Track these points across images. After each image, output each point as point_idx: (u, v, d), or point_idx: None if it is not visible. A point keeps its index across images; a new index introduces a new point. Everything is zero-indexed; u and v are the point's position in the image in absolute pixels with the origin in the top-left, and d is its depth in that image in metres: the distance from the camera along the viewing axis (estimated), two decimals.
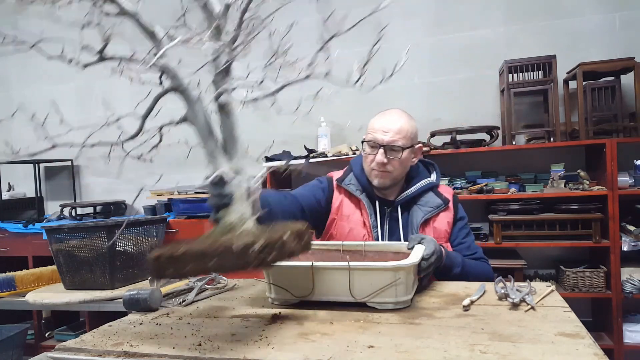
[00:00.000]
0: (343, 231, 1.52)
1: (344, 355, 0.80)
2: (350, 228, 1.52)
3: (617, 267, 2.53)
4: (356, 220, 1.53)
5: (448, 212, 1.52)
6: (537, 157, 2.93)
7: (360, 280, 1.06)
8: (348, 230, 1.52)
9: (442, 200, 1.51)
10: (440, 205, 1.51)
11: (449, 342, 0.84)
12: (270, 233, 0.91)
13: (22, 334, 2.06)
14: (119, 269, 2.10)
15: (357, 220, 1.53)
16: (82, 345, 0.92)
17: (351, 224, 1.52)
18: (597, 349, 0.78)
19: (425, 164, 1.64)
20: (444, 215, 1.51)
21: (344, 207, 1.55)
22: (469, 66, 3.11)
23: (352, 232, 1.51)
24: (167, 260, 0.90)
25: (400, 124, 1.46)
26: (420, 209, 1.50)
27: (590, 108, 2.65)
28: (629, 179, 2.58)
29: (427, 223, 1.49)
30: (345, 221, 1.53)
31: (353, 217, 1.53)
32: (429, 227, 1.49)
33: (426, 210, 1.50)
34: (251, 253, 0.83)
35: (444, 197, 1.53)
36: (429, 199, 1.52)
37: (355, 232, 1.51)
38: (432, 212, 1.50)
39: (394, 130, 1.44)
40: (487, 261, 1.50)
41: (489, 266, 1.49)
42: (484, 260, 1.50)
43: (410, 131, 1.48)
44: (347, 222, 1.53)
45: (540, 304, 1.06)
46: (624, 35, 2.85)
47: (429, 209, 1.50)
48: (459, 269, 1.35)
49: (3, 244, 3.41)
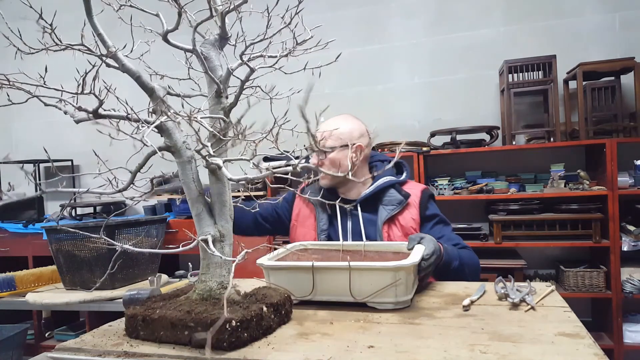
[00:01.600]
0: (299, 236, 1.61)
1: (344, 355, 0.80)
2: (305, 232, 1.60)
3: (617, 267, 2.53)
4: (309, 225, 1.60)
5: (412, 208, 1.53)
6: (537, 157, 2.93)
7: (360, 280, 1.06)
8: (303, 234, 1.60)
9: (403, 196, 1.52)
10: (402, 201, 1.52)
11: (449, 342, 0.84)
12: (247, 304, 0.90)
13: (22, 334, 2.06)
14: (119, 269, 2.09)
15: (310, 224, 1.60)
16: (82, 345, 0.91)
17: (305, 229, 1.61)
18: (597, 349, 0.78)
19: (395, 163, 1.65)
20: (408, 212, 1.52)
21: (302, 213, 1.65)
22: (469, 66, 3.11)
23: (306, 236, 1.58)
24: (141, 322, 0.91)
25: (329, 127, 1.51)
26: (384, 208, 1.53)
27: (590, 108, 2.65)
28: (629, 179, 2.58)
29: (392, 220, 1.51)
30: (302, 226, 1.63)
31: (307, 222, 1.62)
32: (395, 225, 1.51)
33: (389, 209, 1.51)
34: (227, 329, 0.82)
35: (405, 192, 1.54)
36: (391, 197, 1.54)
37: (308, 236, 1.58)
38: (395, 209, 1.51)
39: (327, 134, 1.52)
40: (471, 249, 1.51)
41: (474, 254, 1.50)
42: (469, 249, 1.51)
43: (342, 132, 1.53)
44: (303, 226, 1.62)
45: (540, 304, 1.06)
46: (624, 35, 2.85)
47: (392, 206, 1.52)
48: (457, 262, 1.36)
49: (3, 244, 3.41)
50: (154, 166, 0.93)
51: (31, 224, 3.36)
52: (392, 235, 1.49)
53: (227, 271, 0.96)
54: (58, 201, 3.95)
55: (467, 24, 3.11)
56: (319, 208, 1.59)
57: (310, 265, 1.08)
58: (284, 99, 1.00)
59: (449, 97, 3.16)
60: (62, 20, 1.05)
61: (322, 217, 1.57)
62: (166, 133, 0.93)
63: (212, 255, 0.92)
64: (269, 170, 0.88)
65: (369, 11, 3.29)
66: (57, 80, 0.82)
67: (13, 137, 4.15)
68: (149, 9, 0.96)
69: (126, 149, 0.85)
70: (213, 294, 0.93)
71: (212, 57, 0.98)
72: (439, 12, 3.17)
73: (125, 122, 0.89)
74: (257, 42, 0.95)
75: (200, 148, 0.89)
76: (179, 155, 0.94)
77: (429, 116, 3.19)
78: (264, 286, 1.06)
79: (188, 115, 0.82)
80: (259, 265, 1.14)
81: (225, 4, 0.92)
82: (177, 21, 0.88)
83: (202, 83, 1.02)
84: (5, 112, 4.03)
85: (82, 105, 0.86)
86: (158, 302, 0.96)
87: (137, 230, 2.24)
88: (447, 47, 3.16)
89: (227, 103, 0.98)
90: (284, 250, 1.28)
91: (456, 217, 3.05)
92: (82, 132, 3.78)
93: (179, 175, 0.97)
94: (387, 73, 3.27)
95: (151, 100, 0.95)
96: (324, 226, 1.56)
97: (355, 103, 3.31)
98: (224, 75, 0.98)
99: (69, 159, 3.82)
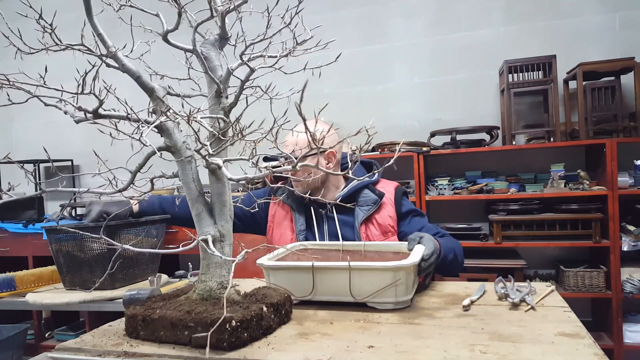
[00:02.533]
0: (276, 237, 1.62)
1: (344, 355, 0.80)
2: (281, 234, 1.60)
3: (617, 267, 2.53)
4: (285, 226, 1.60)
5: (388, 206, 1.54)
6: (537, 157, 2.93)
7: (360, 280, 1.06)
8: (279, 236, 1.60)
9: (377, 195, 1.53)
10: (377, 200, 1.53)
11: (449, 342, 0.84)
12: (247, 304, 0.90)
13: (22, 334, 2.06)
14: (119, 269, 2.09)
15: (287, 226, 1.60)
16: (82, 345, 0.91)
17: (282, 230, 1.61)
18: (597, 349, 0.78)
19: (365, 164, 1.67)
20: (384, 210, 1.53)
21: (277, 214, 1.64)
22: (469, 66, 3.11)
23: (282, 237, 1.59)
24: (141, 322, 0.91)
25: (297, 135, 1.50)
26: (360, 209, 1.53)
27: (590, 108, 2.65)
28: (629, 179, 2.58)
29: (369, 220, 1.52)
30: (278, 227, 1.62)
31: (283, 224, 1.61)
32: (373, 224, 1.51)
33: (365, 209, 1.52)
34: (227, 329, 0.82)
35: (379, 192, 1.55)
36: (367, 198, 1.54)
37: (284, 237, 1.58)
38: (371, 209, 1.52)
39: (292, 143, 1.51)
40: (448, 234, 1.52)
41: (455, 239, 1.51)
42: (447, 234, 1.52)
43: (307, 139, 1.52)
44: (279, 228, 1.62)
45: (540, 304, 1.06)
46: (624, 35, 2.85)
47: (367, 207, 1.53)
48: (452, 255, 1.37)
49: (3, 244, 3.41)
50: (154, 166, 0.93)
51: (31, 224, 3.36)
52: (370, 235, 1.50)
53: (227, 271, 0.96)
54: (58, 201, 3.95)
55: (467, 24, 3.11)
56: (295, 210, 1.58)
57: (310, 265, 1.08)
58: (284, 99, 1.00)
59: (449, 97, 3.16)
60: (62, 20, 1.05)
61: (300, 218, 1.57)
62: (166, 133, 0.93)
63: (212, 255, 0.92)
64: (268, 170, 0.88)
65: (369, 11, 3.29)
66: (57, 80, 0.82)
67: (13, 137, 4.15)
68: (149, 9, 0.96)
69: (126, 149, 0.84)
70: (213, 294, 0.93)
71: (212, 57, 0.98)
72: (439, 12, 3.17)
73: (125, 122, 0.89)
74: (257, 42, 0.95)
75: (200, 148, 0.89)
76: (179, 155, 0.94)
77: (429, 116, 3.19)
78: (264, 286, 1.06)
79: (188, 115, 0.82)
80: (259, 265, 1.14)
81: (225, 4, 0.92)
82: (177, 21, 0.88)
83: (202, 83, 1.02)
84: (5, 112, 4.03)
85: (82, 105, 0.86)
86: (158, 302, 0.96)
87: (137, 230, 2.23)
88: (447, 47, 3.16)
89: (227, 103, 0.98)
90: (284, 250, 1.28)
91: (456, 217, 3.05)
92: (82, 132, 3.78)
93: (179, 175, 0.97)
94: (387, 73, 3.27)
95: (151, 100, 0.95)
96: (302, 227, 1.56)
97: (355, 103, 3.31)
98: (224, 75, 0.98)
99: (69, 159, 3.82)
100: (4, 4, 3.74)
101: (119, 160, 0.85)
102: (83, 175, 2.13)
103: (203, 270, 0.97)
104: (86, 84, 0.81)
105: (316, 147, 0.83)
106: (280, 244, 1.56)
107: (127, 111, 0.87)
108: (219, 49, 1.00)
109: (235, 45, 1.03)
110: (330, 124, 1.60)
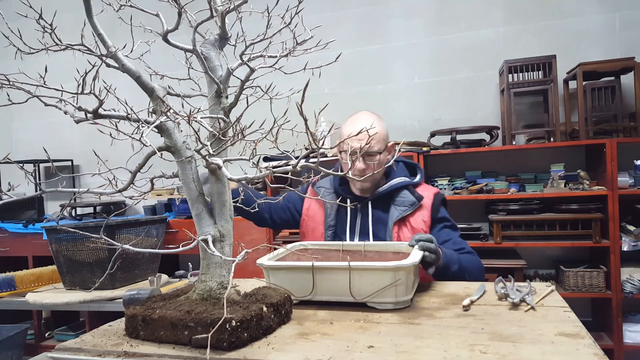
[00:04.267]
0: (308, 229, 1.63)
1: (344, 355, 0.80)
2: (313, 227, 1.61)
3: (617, 267, 2.53)
4: (318, 220, 1.61)
5: (424, 210, 1.53)
6: (537, 157, 2.93)
7: (360, 280, 1.06)
8: (312, 228, 1.62)
9: (416, 198, 1.53)
10: (414, 203, 1.52)
11: (449, 342, 0.84)
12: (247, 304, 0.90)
13: (22, 334, 2.06)
14: (119, 269, 2.09)
15: (319, 219, 1.61)
16: (82, 345, 0.91)
17: (314, 223, 1.62)
18: (597, 349, 0.78)
19: (408, 165, 1.66)
20: (420, 214, 1.52)
21: (312, 207, 1.65)
22: (469, 66, 3.11)
23: (315, 230, 1.60)
24: (141, 322, 0.91)
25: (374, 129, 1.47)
26: (396, 208, 1.53)
27: (590, 108, 2.65)
28: (629, 179, 2.58)
29: (403, 221, 1.51)
30: (311, 220, 1.63)
31: (316, 217, 1.62)
32: (406, 226, 1.51)
33: (402, 210, 1.52)
34: (227, 329, 0.82)
35: (418, 194, 1.54)
36: (404, 198, 1.54)
37: (316, 230, 1.60)
38: (407, 211, 1.51)
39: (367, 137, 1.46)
40: (475, 254, 1.51)
41: (478, 258, 1.50)
42: (474, 254, 1.51)
43: (383, 133, 1.52)
44: (312, 221, 1.63)
45: (540, 304, 1.06)
46: (624, 35, 2.85)
47: (404, 207, 1.52)
48: (456, 266, 1.36)
49: (3, 244, 3.41)
50: (154, 166, 0.93)
51: (31, 224, 3.36)
52: (402, 236, 1.49)
53: (227, 271, 0.96)
54: (58, 201, 3.95)
55: (467, 24, 3.11)
56: (327, 204, 1.59)
57: (310, 265, 1.08)
58: (284, 99, 1.00)
59: (449, 97, 3.16)
60: (62, 20, 1.05)
61: (331, 213, 1.57)
62: (166, 133, 0.93)
63: (212, 255, 0.92)
64: (268, 170, 0.88)
65: (369, 11, 3.29)
66: (57, 80, 0.82)
67: (13, 137, 4.15)
68: (149, 9, 0.96)
69: (126, 149, 0.85)
70: (213, 294, 0.93)
71: (212, 57, 0.98)
72: (439, 12, 3.17)
73: (125, 122, 0.89)
74: (257, 42, 0.95)
75: (200, 148, 0.89)
76: (179, 155, 0.94)
77: (429, 116, 3.19)
78: (264, 286, 1.06)
79: (188, 115, 0.82)
80: (259, 265, 1.14)
81: (225, 4, 0.92)
82: (177, 21, 0.88)
83: (202, 83, 1.02)
84: (5, 112, 4.04)
85: (82, 105, 0.86)
86: (158, 302, 0.96)
87: (137, 230, 2.24)
88: (447, 47, 3.16)
89: (227, 103, 0.98)
90: (284, 250, 1.28)
91: (456, 217, 3.03)
92: (82, 132, 3.78)
93: (179, 175, 0.97)
94: (387, 73, 3.27)
95: (151, 100, 0.95)
96: (332, 222, 1.57)
97: (355, 103, 3.31)
98: (224, 75, 0.98)
99: (69, 159, 3.82)
100: (4, 4, 3.74)
101: (119, 160, 0.85)
102: (83, 175, 2.12)
103: (203, 270, 0.97)
104: (86, 84, 0.81)
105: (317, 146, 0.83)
106: (313, 237, 1.59)
107: (127, 111, 0.87)
108: (219, 49, 1.00)
109: (235, 45, 1.03)
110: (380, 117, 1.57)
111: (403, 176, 1.58)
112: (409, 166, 1.65)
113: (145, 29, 1.06)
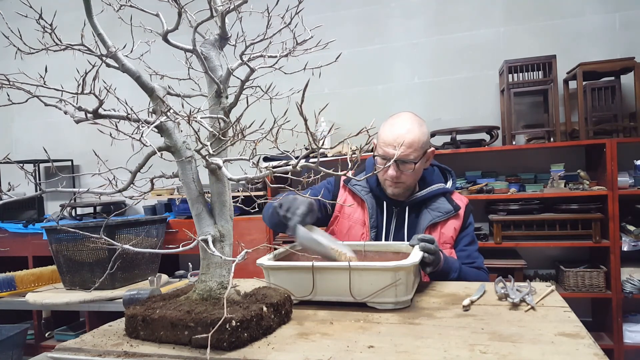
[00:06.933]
0: (343, 228, 1.57)
1: (344, 355, 0.80)
2: (350, 226, 1.56)
3: (617, 267, 2.53)
4: (356, 219, 1.56)
5: (457, 219, 1.52)
6: (537, 157, 2.93)
7: (360, 280, 1.06)
8: (348, 227, 1.56)
9: (453, 207, 1.51)
10: (450, 211, 1.50)
11: (449, 342, 0.84)
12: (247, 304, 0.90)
13: (22, 334, 2.06)
14: (119, 269, 2.10)
15: (358, 219, 1.56)
16: (82, 345, 0.91)
17: (351, 222, 1.57)
18: (597, 349, 0.78)
19: (442, 169, 1.64)
20: (452, 222, 1.51)
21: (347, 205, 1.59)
22: (469, 66, 3.12)
23: (352, 229, 1.55)
24: (141, 322, 0.91)
25: (411, 137, 1.41)
26: (430, 212, 1.51)
27: (590, 108, 2.65)
28: (629, 179, 2.58)
29: (434, 227, 1.50)
30: (347, 219, 1.58)
31: (354, 216, 1.57)
32: (436, 232, 1.50)
33: (435, 215, 1.50)
34: (227, 329, 0.82)
35: (456, 204, 1.53)
36: (440, 204, 1.52)
37: (354, 230, 1.55)
38: (441, 217, 1.50)
39: (406, 145, 1.39)
40: (486, 272, 1.50)
41: (486, 276, 1.48)
42: (483, 270, 1.50)
43: (422, 141, 1.44)
44: (348, 220, 1.57)
45: (540, 304, 1.06)
46: (624, 35, 2.85)
47: (438, 213, 1.50)
48: (455, 275, 1.36)
49: (3, 244, 3.41)
50: (154, 166, 0.93)
51: (31, 224, 3.36)
52: None
53: (227, 271, 0.96)
54: (58, 201, 3.95)
55: (467, 24, 3.11)
56: (374, 204, 1.55)
57: (310, 265, 1.08)
58: (284, 99, 1.00)
59: (449, 97, 3.16)
60: (62, 20, 1.05)
61: (373, 213, 1.54)
62: (166, 133, 0.93)
63: (212, 255, 0.92)
64: (268, 170, 0.88)
65: (369, 11, 3.29)
66: (57, 80, 0.82)
67: (13, 137, 4.15)
68: (149, 9, 0.96)
69: (126, 149, 0.85)
70: (213, 294, 0.93)
71: (212, 57, 0.98)
72: (439, 12, 3.17)
73: (125, 122, 0.89)
74: (257, 42, 0.95)
75: (200, 148, 0.89)
76: (179, 155, 0.94)
77: (429, 116, 3.19)
78: (264, 286, 1.06)
79: (188, 115, 0.82)
80: (259, 265, 1.14)
81: (225, 4, 0.92)
82: (177, 21, 0.88)
83: (202, 83, 1.02)
84: (5, 112, 4.04)
85: (82, 105, 0.86)
86: (158, 302, 0.96)
87: (137, 230, 2.24)
88: (447, 47, 3.16)
89: (227, 103, 0.98)
90: (284, 250, 1.28)
91: None
92: (82, 132, 3.78)
93: (179, 175, 0.97)
94: (387, 73, 3.27)
95: (151, 100, 0.95)
96: (374, 223, 1.53)
97: (355, 103, 3.31)
98: (224, 75, 0.98)
99: (69, 159, 3.82)
100: (4, 4, 3.74)
101: (119, 160, 0.85)
102: (83, 175, 2.13)
103: (203, 270, 0.97)
104: (86, 84, 0.81)
105: (317, 146, 0.83)
106: (349, 235, 1.54)
107: (127, 111, 0.87)
108: (219, 49, 1.00)
109: (235, 45, 1.03)
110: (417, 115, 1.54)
111: (439, 182, 1.56)
112: (441, 170, 1.64)
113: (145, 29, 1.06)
